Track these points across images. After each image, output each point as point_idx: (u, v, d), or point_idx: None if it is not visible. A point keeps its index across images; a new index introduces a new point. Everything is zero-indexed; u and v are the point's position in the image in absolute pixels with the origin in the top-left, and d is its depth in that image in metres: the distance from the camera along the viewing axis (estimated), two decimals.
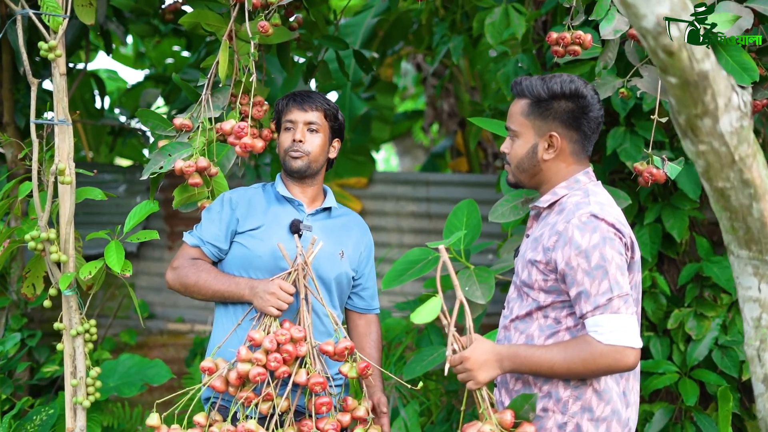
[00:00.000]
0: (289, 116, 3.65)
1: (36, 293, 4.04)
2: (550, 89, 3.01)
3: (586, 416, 2.92)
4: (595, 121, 3.05)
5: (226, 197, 3.66)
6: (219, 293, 3.52)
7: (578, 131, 3.04)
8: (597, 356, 2.79)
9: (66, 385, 3.89)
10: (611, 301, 2.80)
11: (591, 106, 3.02)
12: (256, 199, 3.67)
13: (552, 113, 3.02)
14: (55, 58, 3.75)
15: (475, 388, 2.86)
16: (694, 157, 2.50)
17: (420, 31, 8.31)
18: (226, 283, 3.51)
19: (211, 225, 3.61)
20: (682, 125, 2.43)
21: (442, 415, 5.37)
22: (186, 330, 8.25)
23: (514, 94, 3.15)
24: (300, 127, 3.62)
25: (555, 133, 3.02)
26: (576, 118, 3.02)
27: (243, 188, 3.74)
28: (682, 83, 2.30)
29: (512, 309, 3.11)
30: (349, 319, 3.89)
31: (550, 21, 5.61)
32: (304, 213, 3.65)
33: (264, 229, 3.57)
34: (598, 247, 2.82)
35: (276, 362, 3.23)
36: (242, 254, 3.57)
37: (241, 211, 3.60)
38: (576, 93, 3.00)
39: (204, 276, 3.54)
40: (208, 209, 3.67)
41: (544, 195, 3.10)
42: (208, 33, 4.02)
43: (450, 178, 8.64)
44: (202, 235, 3.61)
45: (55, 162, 3.75)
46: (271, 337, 3.24)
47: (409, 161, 16.81)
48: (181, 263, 3.60)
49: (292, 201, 3.66)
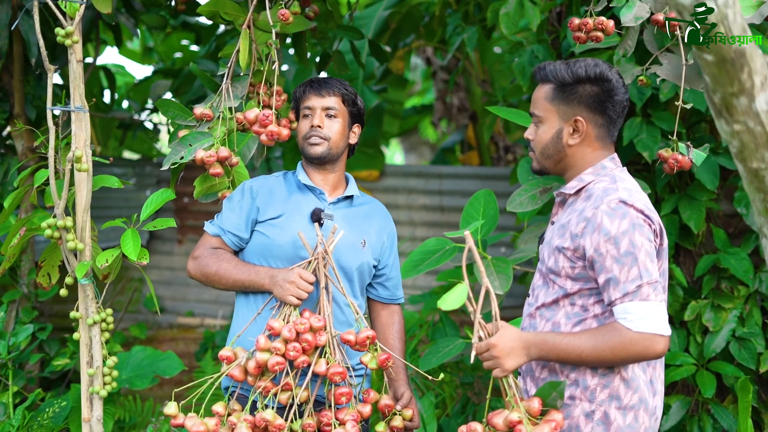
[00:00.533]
0: (306, 102, 3.62)
1: (51, 283, 4.01)
2: (574, 73, 2.98)
3: (613, 404, 2.89)
4: (620, 105, 3.01)
5: (246, 186, 3.62)
6: (239, 282, 3.49)
7: (603, 115, 3.00)
8: (626, 344, 2.76)
9: (82, 375, 3.86)
10: (640, 288, 2.77)
11: (616, 90, 2.98)
12: (277, 187, 3.63)
13: (577, 97, 2.99)
14: (72, 44, 3.72)
15: (501, 376, 2.83)
16: (729, 138, 2.47)
17: (431, 24, 8.29)
18: (246, 272, 3.49)
19: (232, 214, 3.58)
20: (717, 104, 2.40)
21: (458, 407, 5.34)
22: (196, 324, 8.23)
23: (537, 80, 3.11)
24: (318, 112, 3.59)
25: (580, 118, 2.98)
26: (601, 101, 2.98)
27: (264, 176, 3.70)
28: (719, 61, 2.27)
29: (537, 296, 3.08)
30: (371, 309, 3.84)
31: (565, 11, 5.58)
32: (325, 201, 3.62)
33: (285, 217, 3.54)
34: (627, 234, 2.79)
35: (295, 351, 3.20)
36: (262, 243, 3.54)
37: (261, 200, 3.57)
38: (601, 76, 2.97)
39: (224, 265, 3.51)
40: (229, 198, 3.64)
41: (570, 181, 3.06)
42: (226, 22, 3.99)
43: (462, 171, 8.62)
44: (222, 225, 3.58)
45: (72, 149, 3.72)
46: (290, 326, 3.21)
47: (414, 158, 16.78)
48: (202, 252, 3.57)
49: (313, 189, 3.62)
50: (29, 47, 5.06)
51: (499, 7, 5.25)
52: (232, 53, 3.87)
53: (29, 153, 5.63)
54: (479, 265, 2.83)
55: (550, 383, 2.82)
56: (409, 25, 7.96)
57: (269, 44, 3.83)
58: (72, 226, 3.77)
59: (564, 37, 5.24)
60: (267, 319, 3.42)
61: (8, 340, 4.92)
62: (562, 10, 5.65)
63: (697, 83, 3.66)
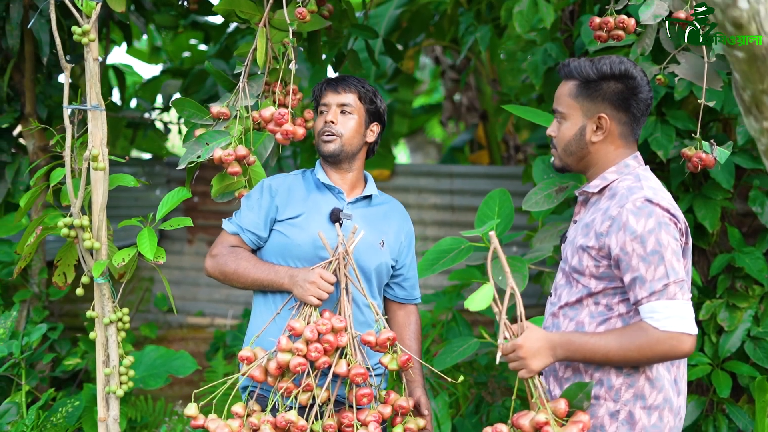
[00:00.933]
0: (323, 99, 3.61)
1: (67, 282, 3.99)
2: (599, 70, 2.96)
3: (638, 404, 2.88)
4: (644, 103, 2.99)
5: (265, 184, 3.60)
6: (258, 281, 3.47)
7: (627, 113, 2.98)
8: (653, 343, 2.75)
9: (98, 374, 3.84)
10: (667, 287, 2.76)
11: (640, 87, 2.97)
12: (295, 186, 3.61)
13: (601, 94, 2.97)
14: (88, 43, 3.70)
15: (527, 377, 2.81)
16: (758, 135, 2.46)
17: (441, 23, 8.27)
18: (265, 271, 3.47)
19: (250, 212, 3.56)
20: (747, 101, 2.39)
21: (471, 407, 5.32)
22: (206, 324, 8.21)
23: (561, 76, 3.09)
24: (333, 108, 3.57)
25: (604, 115, 2.97)
26: (625, 99, 2.96)
27: (282, 175, 3.69)
28: (749, 57, 2.26)
29: (560, 296, 3.06)
30: (388, 309, 3.82)
31: (578, 10, 5.57)
32: (344, 201, 3.60)
33: (304, 217, 3.52)
34: (653, 232, 2.78)
35: (317, 352, 3.19)
36: (281, 243, 3.52)
37: (280, 199, 3.55)
38: (626, 73, 2.95)
39: (243, 264, 3.49)
40: (248, 196, 3.63)
41: (593, 180, 3.04)
42: (241, 20, 3.97)
43: (474, 170, 8.59)
44: (241, 223, 3.56)
45: (89, 148, 3.70)
46: (312, 327, 3.20)
47: (420, 157, 16.77)
48: (220, 251, 3.55)
49: (332, 188, 3.60)
50: (41, 46, 5.04)
51: (512, 5, 5.23)
52: (247, 52, 3.86)
53: (41, 152, 5.62)
54: (504, 266, 2.82)
55: (576, 384, 2.81)
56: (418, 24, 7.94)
57: (285, 43, 3.81)
58: (88, 225, 3.75)
59: (577, 36, 5.23)
60: (286, 319, 3.41)
61: (21, 339, 4.91)
62: (575, 9, 5.64)
63: (715, 82, 3.65)
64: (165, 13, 6.04)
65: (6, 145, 5.63)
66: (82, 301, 6.29)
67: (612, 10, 3.71)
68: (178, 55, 9.83)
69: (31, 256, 3.92)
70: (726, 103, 4.66)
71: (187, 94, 7.83)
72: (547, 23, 5.07)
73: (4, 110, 5.63)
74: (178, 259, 8.36)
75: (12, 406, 4.73)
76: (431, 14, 8.09)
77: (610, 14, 3.72)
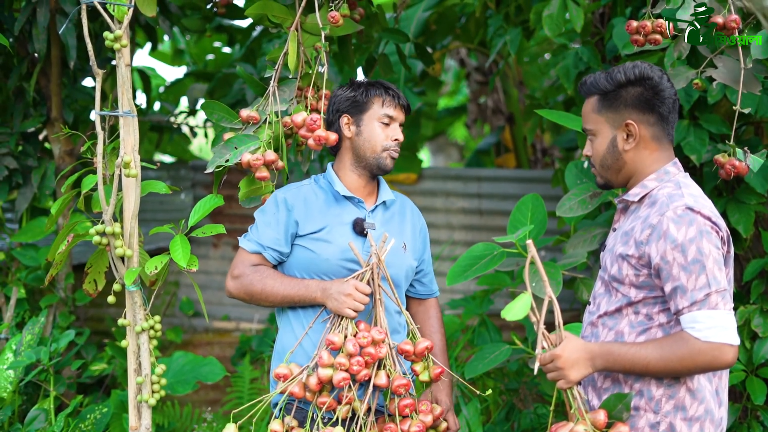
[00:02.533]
0: (388, 110, 3.55)
1: (98, 289, 3.96)
2: (614, 79, 2.96)
3: (679, 415, 2.84)
4: (669, 100, 2.97)
5: (279, 198, 3.54)
6: (288, 298, 3.43)
7: (653, 113, 2.96)
8: (695, 353, 2.71)
9: (129, 383, 3.81)
10: (709, 297, 2.73)
11: (661, 86, 2.95)
12: (311, 197, 3.56)
13: (622, 102, 2.96)
14: (120, 48, 3.68)
15: (566, 387, 2.78)
16: None
17: (467, 25, 8.22)
18: (295, 287, 3.42)
19: (268, 229, 3.50)
20: None
21: (502, 414, 5.28)
22: (232, 328, 8.19)
23: (582, 95, 3.10)
24: (399, 127, 3.57)
25: (630, 121, 2.95)
26: (647, 100, 2.94)
27: (295, 186, 3.62)
28: None
29: (599, 305, 3.03)
30: (409, 305, 3.81)
31: (609, 13, 5.52)
32: (364, 209, 3.57)
33: (327, 230, 3.48)
34: (694, 241, 2.74)
35: (358, 366, 3.17)
36: (307, 257, 3.47)
37: (298, 213, 3.49)
38: (641, 76, 2.94)
39: (270, 282, 3.44)
40: (263, 211, 3.57)
41: (633, 188, 3.01)
42: (273, 25, 3.95)
43: (502, 174, 8.55)
44: (261, 240, 3.50)
45: (121, 154, 3.68)
46: (354, 341, 3.18)
47: (442, 159, 16.74)
48: (243, 271, 3.49)
49: (351, 198, 3.56)
50: (68, 50, 5.03)
51: (541, 8, 5.18)
52: (278, 56, 3.83)
53: (66, 157, 5.62)
54: (543, 275, 2.78)
55: (616, 395, 2.78)
56: (445, 27, 7.91)
57: (317, 47, 3.78)
58: (120, 233, 3.73)
59: (609, 38, 5.18)
60: (317, 332, 3.39)
61: (49, 346, 4.90)
62: (605, 12, 5.59)
63: (753, 86, 3.61)
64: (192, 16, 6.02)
65: (32, 150, 5.64)
66: (108, 305, 6.28)
67: (649, 13, 3.67)
68: (202, 58, 9.81)
69: (62, 263, 3.90)
70: (760, 107, 4.60)
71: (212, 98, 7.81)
72: (577, 27, 5.03)
73: (31, 114, 5.64)
74: (203, 263, 8.33)
75: (40, 413, 4.72)
76: (457, 16, 8.05)
77: (647, 18, 3.67)
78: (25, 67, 5.48)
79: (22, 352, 4.84)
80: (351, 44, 4.59)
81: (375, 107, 3.54)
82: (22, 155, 5.59)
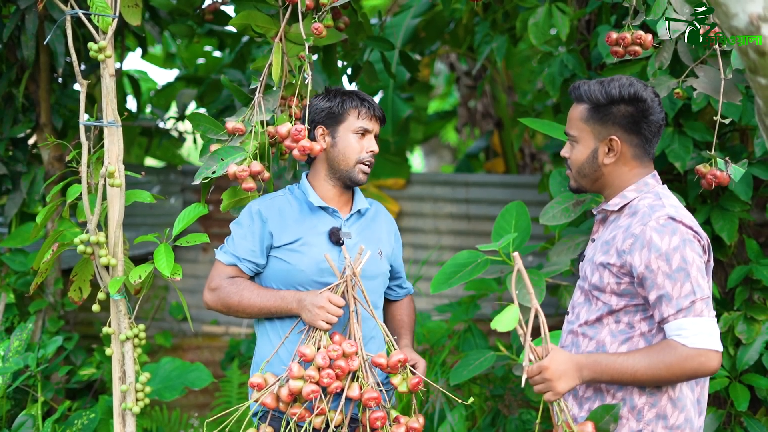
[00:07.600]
0: (364, 123, 3.55)
1: (83, 297, 3.98)
2: (608, 94, 2.96)
3: (660, 424, 2.88)
4: (655, 125, 2.99)
5: (254, 209, 3.55)
6: (265, 309, 3.44)
7: (638, 135, 2.98)
8: (682, 360, 2.75)
9: (114, 391, 3.83)
10: (694, 304, 2.77)
11: (651, 110, 2.97)
12: (286, 208, 3.56)
13: (611, 118, 2.97)
14: (104, 59, 3.69)
15: (553, 399, 2.79)
16: None
17: (456, 31, 8.24)
18: (271, 298, 3.43)
19: (244, 241, 3.51)
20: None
21: (488, 419, 5.30)
22: (221, 332, 8.19)
23: (572, 99, 3.10)
24: (374, 138, 3.58)
25: (615, 137, 2.97)
26: (636, 122, 2.97)
27: (269, 197, 3.63)
28: None
29: (579, 314, 3.05)
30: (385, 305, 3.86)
31: (594, 20, 5.54)
32: (340, 219, 3.57)
33: (302, 241, 3.48)
34: (678, 250, 2.78)
35: (329, 378, 3.19)
36: (283, 269, 3.48)
37: (273, 224, 3.50)
38: (635, 97, 2.95)
39: (247, 294, 3.45)
40: (238, 223, 3.57)
41: (612, 198, 3.04)
42: (257, 35, 3.96)
43: (490, 179, 8.56)
44: (237, 252, 3.51)
45: (105, 164, 3.69)
46: (323, 353, 3.19)
47: (435, 161, 16.76)
48: (220, 283, 3.50)
49: (326, 208, 3.57)
50: (56, 57, 5.06)
51: (527, 17, 5.21)
52: (263, 66, 3.84)
53: (56, 162, 5.63)
54: (529, 288, 2.80)
55: (603, 406, 2.81)
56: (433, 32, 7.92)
57: (301, 57, 3.80)
58: (105, 242, 3.74)
59: (594, 46, 5.20)
60: (294, 342, 3.40)
61: (37, 351, 4.91)
62: (591, 19, 5.61)
63: (734, 96, 3.63)
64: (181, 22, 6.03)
65: (21, 155, 5.65)
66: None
67: (629, 25, 3.69)
68: (193, 62, 9.81)
69: (47, 271, 3.91)
70: (744, 114, 4.62)
71: (202, 103, 7.82)
72: (563, 34, 5.05)
73: (20, 120, 5.64)
74: (192, 267, 8.34)
75: (28, 419, 4.73)
76: (446, 22, 8.07)
77: (627, 29, 3.70)
78: (14, 73, 5.49)
79: (9, 358, 4.85)
80: (336, 53, 4.61)
81: (350, 119, 3.55)
82: (12, 161, 5.60)
